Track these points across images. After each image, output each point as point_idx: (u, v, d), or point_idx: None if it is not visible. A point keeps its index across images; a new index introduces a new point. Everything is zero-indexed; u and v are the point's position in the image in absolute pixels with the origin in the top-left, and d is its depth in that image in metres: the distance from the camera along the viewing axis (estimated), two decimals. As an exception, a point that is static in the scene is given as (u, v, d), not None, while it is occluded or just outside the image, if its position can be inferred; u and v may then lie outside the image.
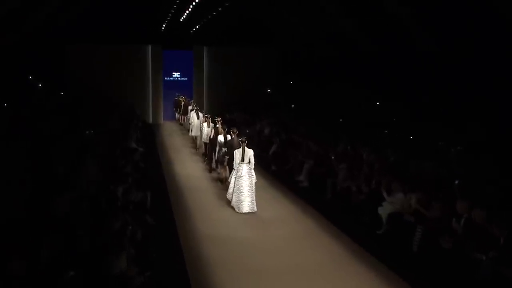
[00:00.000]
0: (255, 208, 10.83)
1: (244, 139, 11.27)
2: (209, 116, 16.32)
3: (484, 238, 6.85)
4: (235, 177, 10.93)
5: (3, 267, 4.75)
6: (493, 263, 6.55)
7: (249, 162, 10.92)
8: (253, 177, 10.94)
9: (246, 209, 10.73)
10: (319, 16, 19.46)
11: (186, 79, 25.92)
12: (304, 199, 11.94)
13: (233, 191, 10.91)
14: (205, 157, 15.44)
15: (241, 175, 10.85)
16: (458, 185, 8.50)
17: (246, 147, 11.02)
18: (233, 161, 11.25)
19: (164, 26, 23.97)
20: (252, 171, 10.96)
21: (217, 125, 14.22)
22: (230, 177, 11.41)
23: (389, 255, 8.35)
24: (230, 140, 12.62)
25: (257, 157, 15.62)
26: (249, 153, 10.96)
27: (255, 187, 10.97)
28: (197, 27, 24.01)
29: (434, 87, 14.66)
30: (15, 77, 18.60)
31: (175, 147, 18.85)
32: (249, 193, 10.78)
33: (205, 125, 15.82)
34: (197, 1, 18.21)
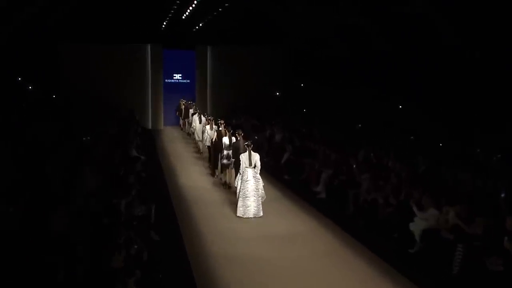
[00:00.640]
0: (260, 213, 11.19)
1: (250, 142, 11.72)
2: (212, 118, 16.50)
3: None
4: (241, 182, 11.27)
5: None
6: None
7: (255, 166, 11.30)
8: (259, 181, 11.32)
9: (251, 213, 11.10)
10: (332, 12, 19.20)
11: (188, 81, 25.68)
12: (322, 212, 11.62)
13: (238, 196, 11.28)
14: (209, 162, 15.66)
15: (247, 179, 11.21)
16: (504, 199, 8.07)
17: (252, 151, 11.39)
18: (239, 164, 11.61)
19: (164, 23, 23.72)
20: (258, 175, 11.33)
21: (220, 128, 14.53)
22: (236, 182, 11.70)
23: (424, 277, 7.94)
24: (235, 142, 12.93)
25: (269, 166, 15.77)
26: (255, 157, 11.37)
27: (264, 194, 11.38)
28: (200, 25, 23.72)
29: (462, 87, 14.31)
30: (3, 79, 18.34)
31: (178, 155, 18.57)
32: (255, 198, 11.15)
33: (208, 128, 16.04)
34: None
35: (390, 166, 11.67)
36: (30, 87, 21.06)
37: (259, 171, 11.39)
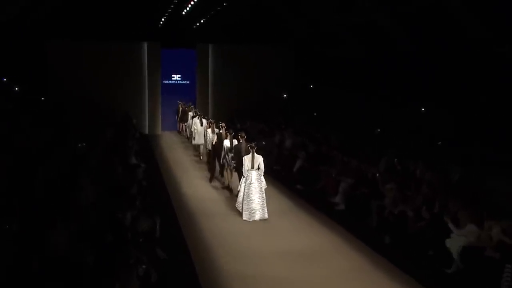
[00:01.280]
0: (266, 215, 11.67)
1: (253, 144, 12.11)
2: (213, 121, 16.76)
3: None
4: (245, 185, 11.71)
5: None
6: None
7: (258, 168, 11.75)
8: (262, 183, 11.79)
9: (257, 217, 11.58)
10: (347, 8, 19.00)
11: (187, 82, 25.49)
12: (342, 225, 11.32)
13: (243, 199, 11.68)
14: (209, 165, 16.11)
15: (251, 182, 11.66)
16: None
17: (255, 153, 11.81)
18: (241, 167, 12.13)
19: (162, 20, 23.52)
20: (261, 177, 11.80)
21: (221, 131, 14.95)
22: (239, 185, 12.12)
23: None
24: (237, 145, 13.33)
25: (279, 174, 15.75)
26: (259, 159, 11.82)
27: (265, 196, 11.78)
28: (202, 22, 23.57)
29: (492, 87, 14.00)
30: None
31: (179, 162, 18.32)
32: (260, 200, 11.65)
33: (209, 131, 16.32)
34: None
35: (418, 174, 11.23)
36: (16, 88, 20.71)
37: (263, 173, 11.79)
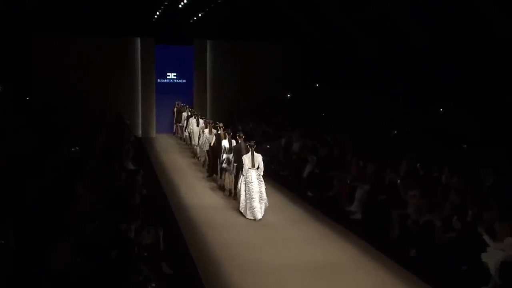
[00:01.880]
0: (263, 213, 12.23)
1: (253, 143, 12.61)
2: (211, 121, 17.05)
3: None
4: (245, 184, 12.26)
5: None
6: None
7: (258, 167, 12.31)
8: (262, 183, 12.32)
9: (259, 215, 12.10)
10: (355, 2, 18.91)
11: (183, 81, 25.40)
12: (360, 236, 11.11)
13: (245, 198, 12.24)
14: (207, 167, 16.58)
15: (251, 181, 12.21)
16: None
17: (255, 152, 12.37)
18: (240, 168, 12.70)
19: (157, 13, 23.41)
20: (260, 176, 12.34)
21: (219, 131, 15.32)
22: (239, 185, 12.69)
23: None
24: (237, 145, 13.67)
25: (287, 180, 15.81)
26: (258, 158, 12.36)
27: (267, 201, 12.36)
28: (200, 16, 23.49)
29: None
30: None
31: (177, 167, 18.18)
32: (259, 199, 12.18)
33: (207, 131, 16.68)
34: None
35: (443, 180, 10.99)
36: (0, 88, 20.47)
37: (262, 173, 12.37)
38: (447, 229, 9.44)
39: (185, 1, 21.32)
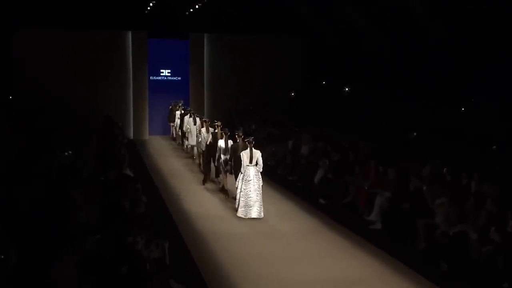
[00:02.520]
0: (262, 214, 12.67)
1: (251, 139, 12.99)
2: (207, 120, 17.43)
3: None
4: (243, 181, 12.67)
5: None
6: None
7: (257, 164, 12.71)
8: (260, 181, 12.73)
9: (254, 214, 12.56)
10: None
11: (178, 78, 25.32)
12: (381, 248, 10.97)
13: (239, 196, 12.68)
14: (202, 167, 17.06)
15: (249, 179, 12.63)
16: None
17: (253, 148, 12.75)
18: (238, 167, 13.05)
19: (150, 5, 23.19)
20: (259, 174, 12.74)
21: (216, 130, 15.76)
22: (236, 182, 13.04)
23: None
24: (234, 144, 14.04)
25: (296, 186, 15.89)
26: (257, 154, 12.76)
27: (262, 192, 12.79)
28: (196, 7, 23.27)
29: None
30: None
31: (175, 172, 18.04)
32: (257, 198, 12.60)
33: (204, 130, 17.04)
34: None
35: (473, 186, 10.84)
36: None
37: (261, 169, 12.79)
38: (483, 241, 9.23)
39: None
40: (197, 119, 18.71)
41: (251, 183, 12.56)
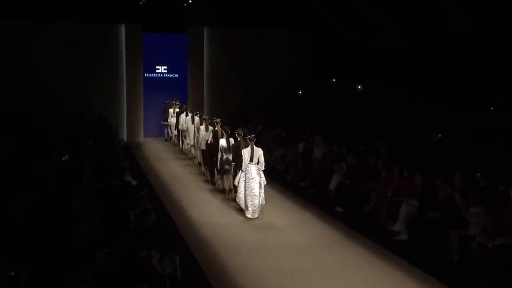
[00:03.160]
0: (256, 214, 13.26)
1: (252, 136, 13.52)
2: (207, 118, 17.76)
3: None
4: (245, 180, 13.22)
5: None
6: None
7: (258, 162, 13.25)
8: (262, 179, 13.28)
9: (256, 214, 13.20)
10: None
11: (176, 75, 25.35)
12: (408, 261, 10.80)
13: (244, 195, 13.21)
14: (203, 169, 17.62)
15: (252, 177, 13.16)
16: None
17: (255, 146, 13.25)
18: (238, 165, 13.61)
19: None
20: (261, 172, 13.29)
21: (216, 128, 15.99)
22: (237, 180, 13.62)
23: None
24: (235, 143, 14.40)
25: (308, 192, 15.93)
26: (258, 152, 13.28)
27: (264, 199, 13.40)
28: (195, -1, 23.45)
29: None
30: None
31: (176, 178, 17.96)
32: (260, 196, 13.17)
33: (202, 128, 17.36)
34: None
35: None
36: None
37: (263, 167, 13.32)
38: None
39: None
40: (196, 117, 19.00)
41: (254, 181, 13.08)
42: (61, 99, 21.79)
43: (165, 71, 25.21)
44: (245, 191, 13.14)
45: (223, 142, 14.84)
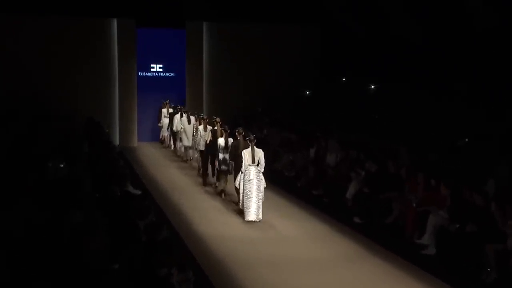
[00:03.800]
0: (260, 216, 13.63)
1: (252, 137, 13.94)
2: (205, 117, 18.39)
3: None
4: (243, 181, 13.67)
5: None
6: None
7: (258, 163, 13.67)
8: (261, 182, 13.70)
9: (251, 217, 13.52)
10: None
11: (172, 74, 25.45)
12: (439, 277, 10.69)
13: (242, 196, 13.69)
14: (201, 168, 18.01)
15: (250, 179, 13.61)
16: None
17: (255, 147, 13.70)
18: (239, 167, 14.01)
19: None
20: (261, 174, 13.69)
21: (215, 127, 16.50)
22: (237, 182, 14.12)
23: None
24: (234, 142, 15.04)
25: (321, 201, 15.89)
26: (259, 153, 13.73)
27: (263, 196, 13.79)
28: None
29: None
30: None
31: (176, 186, 17.98)
32: (256, 199, 13.56)
33: (201, 128, 17.89)
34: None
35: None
36: None
37: (263, 169, 13.71)
38: None
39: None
40: (192, 118, 19.73)
41: (251, 183, 13.52)
42: (49, 99, 21.87)
43: (161, 70, 25.30)
44: (242, 192, 13.63)
45: (221, 141, 15.46)
